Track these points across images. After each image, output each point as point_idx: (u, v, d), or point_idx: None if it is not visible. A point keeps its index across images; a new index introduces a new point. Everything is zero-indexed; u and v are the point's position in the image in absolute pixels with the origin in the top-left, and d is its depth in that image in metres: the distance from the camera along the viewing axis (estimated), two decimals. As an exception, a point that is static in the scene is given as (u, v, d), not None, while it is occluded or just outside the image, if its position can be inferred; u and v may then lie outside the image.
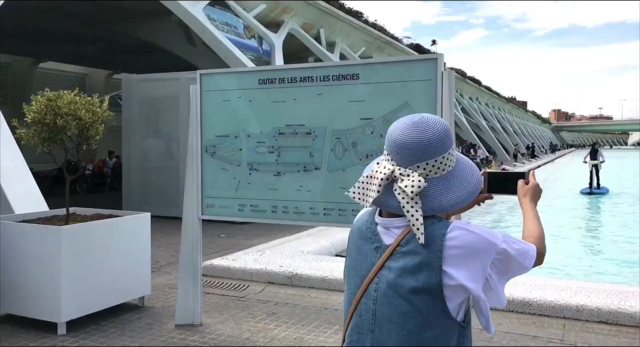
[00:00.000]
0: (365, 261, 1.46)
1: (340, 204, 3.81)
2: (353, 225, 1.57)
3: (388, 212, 1.44)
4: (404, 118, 1.45)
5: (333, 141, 3.81)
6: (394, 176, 1.40)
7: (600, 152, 18.54)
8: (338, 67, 3.80)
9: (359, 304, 1.45)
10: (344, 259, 5.84)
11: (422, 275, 1.34)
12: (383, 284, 1.40)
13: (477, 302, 1.38)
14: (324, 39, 21.77)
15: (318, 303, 5.03)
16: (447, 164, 1.40)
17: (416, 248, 1.35)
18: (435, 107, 3.46)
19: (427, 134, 1.38)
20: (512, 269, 1.39)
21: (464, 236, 1.35)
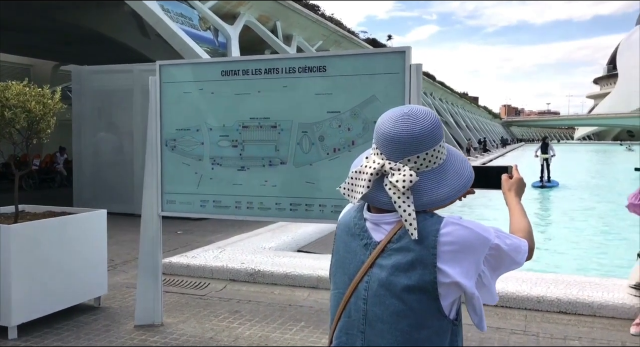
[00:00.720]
0: (353, 259, 1.39)
1: (307, 199, 3.73)
2: (339, 221, 1.49)
3: (377, 208, 1.37)
4: (392, 110, 1.38)
5: (299, 135, 3.72)
6: (383, 170, 1.33)
7: (551, 146, 19.10)
8: (304, 59, 3.70)
9: (347, 303, 1.38)
10: (306, 255, 5.80)
11: (415, 273, 1.28)
12: (374, 282, 1.33)
13: (470, 300, 1.33)
14: (280, 32, 21.59)
15: (282, 300, 4.95)
16: (439, 156, 1.34)
17: (409, 245, 1.29)
18: (404, 100, 3.42)
19: (418, 126, 1.31)
20: (505, 264, 1.35)
21: (457, 231, 1.29)
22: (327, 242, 7.83)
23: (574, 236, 10.88)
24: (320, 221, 3.79)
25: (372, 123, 3.54)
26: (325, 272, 5.33)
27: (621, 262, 7.88)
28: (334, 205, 3.67)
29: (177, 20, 14.89)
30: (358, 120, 3.56)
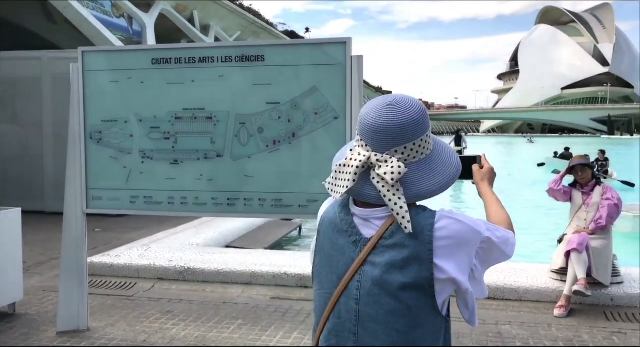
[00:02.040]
0: (342, 257, 1.31)
1: (245, 193, 3.61)
2: (322, 217, 1.41)
3: (364, 203, 1.30)
4: (376, 100, 1.32)
5: (237, 127, 3.59)
6: (370, 162, 1.26)
7: (464, 138, 19.97)
8: (241, 48, 3.56)
9: (337, 304, 1.30)
10: (237, 250, 5.66)
11: (411, 270, 1.22)
12: (367, 281, 1.26)
13: (463, 295, 1.29)
14: (197, 21, 21.02)
15: (215, 298, 4.79)
16: (426, 147, 1.29)
17: (403, 240, 1.23)
18: (345, 92, 3.38)
19: (405, 116, 1.25)
20: (494, 257, 1.33)
21: (451, 225, 1.25)
22: (255, 236, 7.70)
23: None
24: (260, 216, 3.69)
25: (313, 114, 3.48)
26: (259, 268, 5.22)
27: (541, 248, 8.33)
28: (274, 199, 3.57)
29: (87, 5, 14.05)
30: (299, 112, 3.48)
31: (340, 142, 3.43)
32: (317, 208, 3.75)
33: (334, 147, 3.45)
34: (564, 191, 4.77)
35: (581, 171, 4.68)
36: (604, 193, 4.61)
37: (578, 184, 4.77)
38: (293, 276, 5.10)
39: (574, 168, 4.70)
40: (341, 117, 3.42)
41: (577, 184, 4.78)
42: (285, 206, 3.58)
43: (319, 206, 3.79)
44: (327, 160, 3.69)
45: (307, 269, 5.15)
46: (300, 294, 4.87)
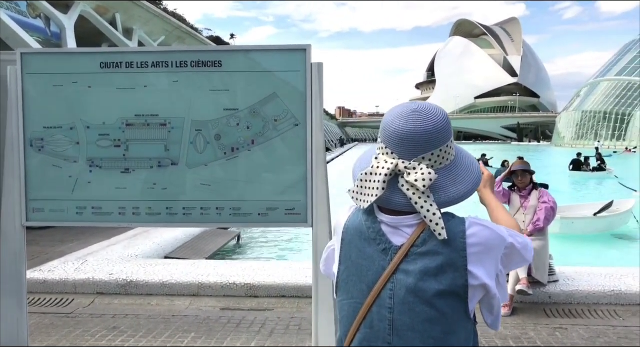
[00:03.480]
0: (371, 265, 1.29)
1: (202, 202, 3.50)
2: (346, 225, 1.38)
3: (390, 210, 1.29)
4: (398, 107, 1.32)
5: (193, 133, 3.47)
6: (397, 169, 1.26)
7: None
8: (197, 53, 3.46)
9: (368, 313, 1.28)
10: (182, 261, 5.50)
11: (446, 276, 1.23)
12: (400, 289, 1.25)
13: (490, 300, 1.31)
14: (120, 24, 20.28)
15: (162, 311, 4.61)
16: (450, 153, 1.31)
17: (436, 248, 1.23)
18: (305, 98, 3.38)
19: (431, 122, 1.26)
20: (514, 262, 1.36)
21: (481, 231, 1.27)
22: (194, 246, 7.50)
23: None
24: (218, 224, 3.59)
25: (272, 121, 3.44)
26: (206, 278, 5.09)
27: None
28: (232, 207, 3.49)
29: (0, 5, 13.18)
30: (258, 118, 3.43)
31: (301, 149, 3.42)
32: (277, 216, 3.70)
33: (294, 154, 3.45)
34: (503, 193, 5.01)
35: (521, 175, 4.93)
36: (541, 197, 4.89)
37: (516, 187, 5.02)
38: (242, 285, 5.01)
39: (515, 172, 4.95)
40: (301, 124, 3.41)
41: (515, 187, 5.03)
42: (244, 214, 3.51)
43: (279, 213, 3.73)
44: (288, 167, 3.67)
45: (256, 277, 5.08)
46: (250, 303, 4.79)
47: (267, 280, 5.04)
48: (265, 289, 4.98)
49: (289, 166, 3.48)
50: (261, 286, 4.99)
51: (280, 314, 4.51)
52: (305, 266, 5.34)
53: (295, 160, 3.46)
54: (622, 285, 4.80)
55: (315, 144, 3.43)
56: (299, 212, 3.46)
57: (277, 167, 3.49)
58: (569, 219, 9.56)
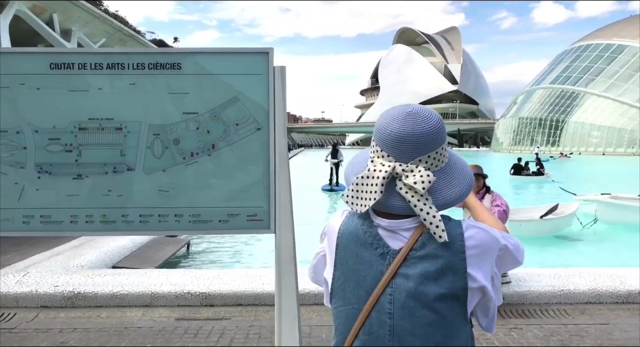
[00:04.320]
0: (369, 270, 1.26)
1: (160, 209, 3.37)
2: (341, 230, 1.35)
3: (387, 214, 1.27)
4: (393, 110, 1.30)
5: (150, 138, 3.35)
6: (395, 172, 1.24)
7: (340, 151, 20.54)
8: (156, 55, 3.35)
9: (367, 319, 1.25)
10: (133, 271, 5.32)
11: (446, 280, 1.22)
12: (400, 294, 1.22)
13: (486, 303, 1.31)
14: (57, 25, 19.54)
15: (114, 323, 4.42)
16: (445, 155, 1.31)
17: (435, 251, 1.22)
18: (268, 102, 3.32)
19: (428, 125, 1.26)
20: (507, 264, 1.36)
21: (478, 234, 1.27)
22: (143, 255, 7.25)
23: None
24: (177, 232, 3.47)
25: (234, 125, 3.36)
26: (159, 288, 4.92)
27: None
28: (191, 214, 3.38)
29: None
30: (219, 123, 3.34)
31: (263, 154, 3.36)
32: (238, 223, 3.63)
33: (256, 158, 3.39)
34: (458, 198, 5.09)
35: (475, 180, 5.04)
36: (494, 200, 5.01)
37: (471, 192, 5.13)
38: (197, 294, 4.87)
39: (469, 177, 5.05)
40: (264, 129, 3.35)
41: (470, 191, 5.13)
42: (204, 221, 3.41)
43: (241, 220, 3.66)
44: (250, 172, 3.60)
45: (212, 286, 4.96)
46: (207, 313, 4.66)
47: (223, 288, 4.93)
48: (222, 297, 4.87)
49: (251, 171, 3.41)
50: (217, 295, 4.87)
51: (239, 323, 4.41)
52: (262, 273, 5.26)
53: (258, 165, 3.39)
54: (570, 285, 4.99)
55: (279, 148, 3.38)
56: (262, 218, 3.39)
57: (238, 173, 3.41)
58: (517, 222, 9.88)
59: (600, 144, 79.77)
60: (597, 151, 78.57)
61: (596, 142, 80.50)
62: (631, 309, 4.72)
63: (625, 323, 4.36)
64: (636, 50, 79.16)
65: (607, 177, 31.14)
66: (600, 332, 4.17)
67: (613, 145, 78.14)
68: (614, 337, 4.05)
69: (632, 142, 76.38)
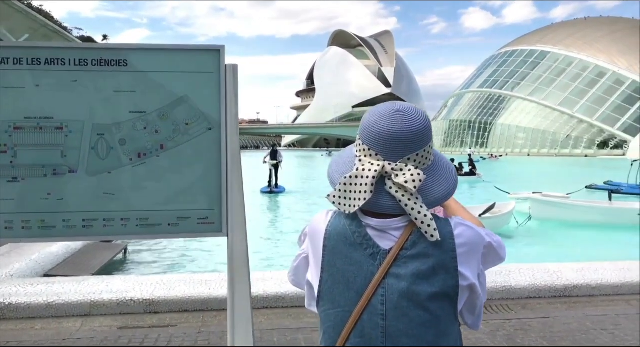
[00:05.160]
0: (359, 271, 1.22)
1: (105, 213, 3.20)
2: (328, 231, 1.30)
3: (375, 213, 1.24)
4: (380, 108, 1.27)
5: (94, 138, 3.17)
6: (384, 171, 1.21)
7: (280, 152, 20.43)
8: (100, 50, 3.17)
9: (358, 322, 1.21)
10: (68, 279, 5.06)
11: (438, 279, 1.20)
12: (393, 294, 1.19)
13: (474, 300, 1.30)
14: (-23, 20, 18.37)
15: (50, 335, 4.16)
16: (431, 153, 1.30)
17: (426, 250, 1.20)
18: (219, 102, 3.23)
19: (417, 123, 1.24)
20: (491, 261, 1.36)
21: (466, 232, 1.26)
22: (78, 262, 6.91)
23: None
24: (123, 237, 3.30)
25: (183, 125, 3.24)
26: (99, 296, 4.69)
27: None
28: (139, 218, 3.23)
29: None
30: (168, 122, 3.21)
31: (215, 155, 3.26)
32: (189, 226, 3.51)
33: (207, 159, 3.28)
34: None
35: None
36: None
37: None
38: (140, 301, 4.68)
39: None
40: (215, 128, 3.25)
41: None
42: (153, 225, 3.27)
43: (192, 223, 3.54)
44: (201, 173, 3.49)
45: (155, 292, 4.78)
46: (151, 320, 4.48)
47: (168, 294, 4.76)
48: (167, 304, 4.69)
49: (202, 173, 3.30)
50: (162, 301, 4.70)
51: (186, 329, 4.27)
52: (208, 278, 5.12)
53: (209, 166, 3.29)
54: (511, 281, 5.16)
55: (231, 149, 3.29)
56: (213, 221, 3.29)
57: (189, 174, 3.29)
58: None
59: (525, 146, 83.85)
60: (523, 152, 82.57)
61: (522, 144, 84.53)
62: (568, 302, 4.94)
63: (564, 316, 4.56)
64: (558, 56, 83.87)
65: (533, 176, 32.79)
66: (543, 325, 4.34)
67: (537, 147, 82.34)
68: (555, 330, 4.22)
69: (555, 144, 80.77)
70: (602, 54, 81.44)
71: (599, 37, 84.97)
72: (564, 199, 13.99)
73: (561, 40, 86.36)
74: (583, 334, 4.12)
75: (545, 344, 3.95)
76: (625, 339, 4.04)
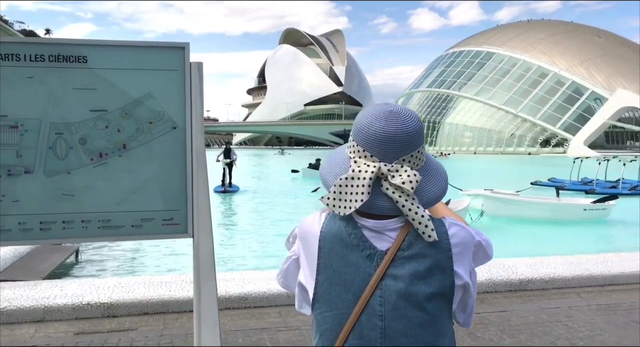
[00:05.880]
0: (356, 273, 1.22)
1: (64, 215, 3.08)
2: (323, 233, 1.29)
3: (371, 214, 1.24)
4: (373, 109, 1.28)
5: (52, 137, 3.05)
6: (380, 173, 1.22)
7: (233, 151, 20.18)
8: (58, 46, 3.06)
9: (356, 323, 1.21)
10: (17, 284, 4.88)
11: (434, 279, 1.22)
12: (391, 295, 1.20)
13: (466, 298, 1.33)
14: None
15: (3, 343, 3.98)
16: (423, 153, 1.31)
17: (423, 250, 1.21)
18: (185, 100, 3.17)
19: (411, 123, 1.25)
20: (479, 260, 1.39)
21: (460, 231, 1.29)
22: (27, 266, 6.63)
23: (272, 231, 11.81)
24: (83, 240, 3.18)
25: (147, 124, 3.15)
26: (54, 301, 4.53)
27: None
28: (101, 220, 3.13)
29: None
30: (130, 121, 3.12)
31: (180, 154, 3.20)
32: (153, 227, 3.43)
33: (172, 159, 3.21)
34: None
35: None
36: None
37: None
38: (98, 305, 4.53)
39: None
40: (180, 127, 3.19)
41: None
42: (115, 227, 3.17)
43: (156, 224, 3.46)
44: (165, 173, 3.41)
45: (114, 295, 4.65)
46: (110, 325, 4.35)
47: (126, 297, 4.63)
48: (126, 307, 4.57)
49: (166, 172, 3.23)
50: (121, 305, 4.57)
51: (147, 333, 4.17)
52: (168, 279, 5.02)
53: (173, 166, 3.22)
54: (469, 276, 5.30)
55: (196, 148, 3.24)
56: (178, 222, 3.23)
57: (152, 174, 3.21)
58: None
59: (472, 144, 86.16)
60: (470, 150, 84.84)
61: (468, 142, 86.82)
62: (524, 296, 5.12)
63: (520, 309, 4.71)
64: (502, 57, 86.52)
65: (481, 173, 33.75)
66: (501, 319, 4.47)
67: (483, 145, 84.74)
68: (513, 323, 4.36)
69: (500, 142, 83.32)
70: (544, 56, 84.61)
71: (541, 39, 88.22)
72: (513, 196, 14.49)
73: (506, 42, 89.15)
74: (539, 326, 4.28)
75: (505, 337, 4.08)
76: (578, 330, 4.22)
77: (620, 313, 4.63)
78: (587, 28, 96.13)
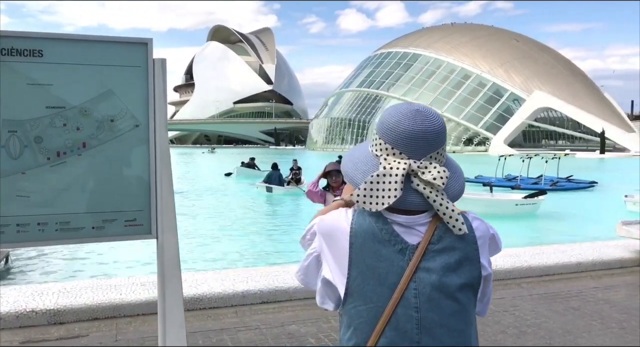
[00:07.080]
0: (390, 267, 1.27)
1: (18, 217, 2.92)
2: (354, 229, 1.31)
3: (401, 210, 1.29)
4: (400, 108, 1.34)
5: (5, 135, 2.89)
6: (411, 169, 1.27)
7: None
8: (10, 39, 2.89)
9: (392, 315, 1.25)
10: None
11: (464, 270, 1.30)
12: (425, 287, 1.26)
13: (485, 289, 1.40)
14: None
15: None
16: (445, 150, 1.38)
17: (453, 244, 1.29)
18: (147, 97, 3.09)
19: (438, 122, 1.33)
20: (492, 252, 1.46)
21: (481, 225, 1.38)
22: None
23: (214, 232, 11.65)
24: (40, 244, 3.03)
25: (108, 121, 3.04)
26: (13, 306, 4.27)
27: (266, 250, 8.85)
28: (59, 222, 2.99)
29: None
30: (90, 119, 3.00)
31: (143, 152, 3.11)
32: (115, 229, 3.34)
33: (134, 157, 3.13)
34: (320, 194, 5.26)
35: (335, 176, 5.23)
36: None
37: (331, 188, 5.32)
38: (43, 312, 4.31)
39: (329, 173, 5.23)
40: (143, 125, 3.10)
41: (330, 187, 5.33)
42: (75, 229, 3.04)
43: (118, 226, 3.37)
44: (127, 172, 3.32)
45: (60, 301, 4.45)
46: (58, 332, 4.16)
47: (74, 303, 4.44)
48: (74, 313, 4.38)
49: (128, 172, 3.13)
50: (68, 311, 4.37)
51: (100, 338, 4.02)
52: (117, 283, 4.86)
53: (136, 164, 3.13)
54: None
55: (159, 147, 3.17)
56: (142, 223, 3.14)
57: (114, 173, 3.10)
58: None
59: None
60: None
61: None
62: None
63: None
64: (428, 58, 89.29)
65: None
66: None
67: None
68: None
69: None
70: (467, 58, 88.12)
71: (464, 42, 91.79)
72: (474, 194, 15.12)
73: (431, 44, 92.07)
74: (489, 316, 4.49)
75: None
76: (525, 318, 4.47)
77: (560, 301, 4.94)
78: (506, 32, 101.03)
